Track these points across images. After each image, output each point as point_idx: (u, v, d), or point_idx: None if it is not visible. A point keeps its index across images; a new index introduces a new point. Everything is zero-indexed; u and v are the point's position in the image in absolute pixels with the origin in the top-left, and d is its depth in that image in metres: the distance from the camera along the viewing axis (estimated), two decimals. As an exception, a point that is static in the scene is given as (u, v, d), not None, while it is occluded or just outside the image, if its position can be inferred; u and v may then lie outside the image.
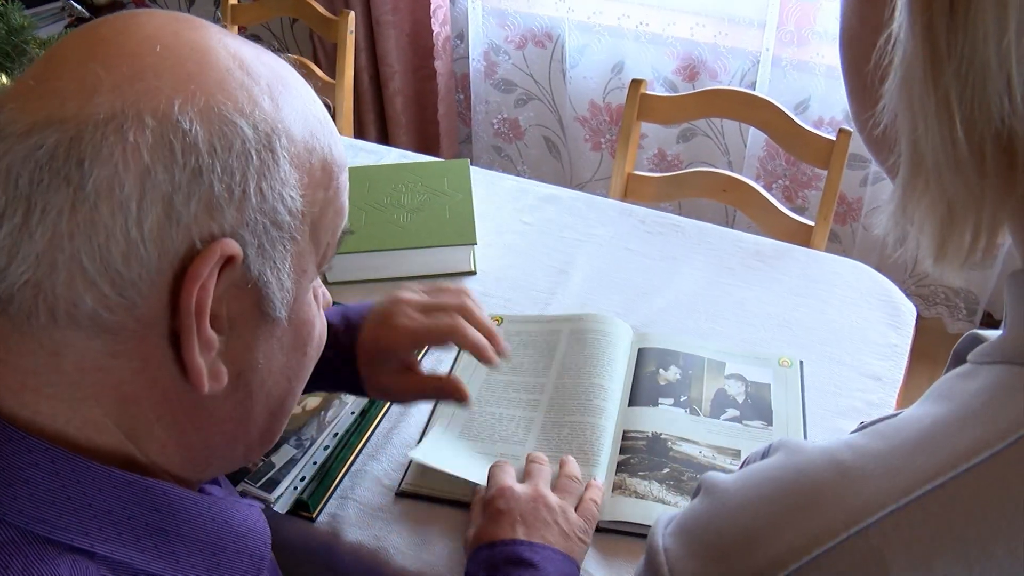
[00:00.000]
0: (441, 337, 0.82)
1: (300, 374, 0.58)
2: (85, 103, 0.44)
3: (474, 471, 0.91)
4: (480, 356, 0.82)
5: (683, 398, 1.01)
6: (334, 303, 0.91)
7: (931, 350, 2.28)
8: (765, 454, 0.47)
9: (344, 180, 0.56)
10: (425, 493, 0.92)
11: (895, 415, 0.47)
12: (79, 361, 0.47)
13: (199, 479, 0.57)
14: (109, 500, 0.48)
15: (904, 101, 0.38)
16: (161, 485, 0.50)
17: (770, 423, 1.00)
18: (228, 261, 0.47)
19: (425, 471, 0.93)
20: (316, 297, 0.58)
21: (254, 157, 0.47)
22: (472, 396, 0.86)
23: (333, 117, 0.56)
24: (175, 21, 0.50)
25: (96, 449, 0.49)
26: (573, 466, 0.90)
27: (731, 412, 1.00)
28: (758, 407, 1.01)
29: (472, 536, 0.81)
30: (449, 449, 0.96)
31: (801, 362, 1.08)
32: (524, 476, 0.88)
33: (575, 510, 0.84)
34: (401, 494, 0.93)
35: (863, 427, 0.58)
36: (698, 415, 0.99)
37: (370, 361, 0.84)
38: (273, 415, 0.57)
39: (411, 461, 0.96)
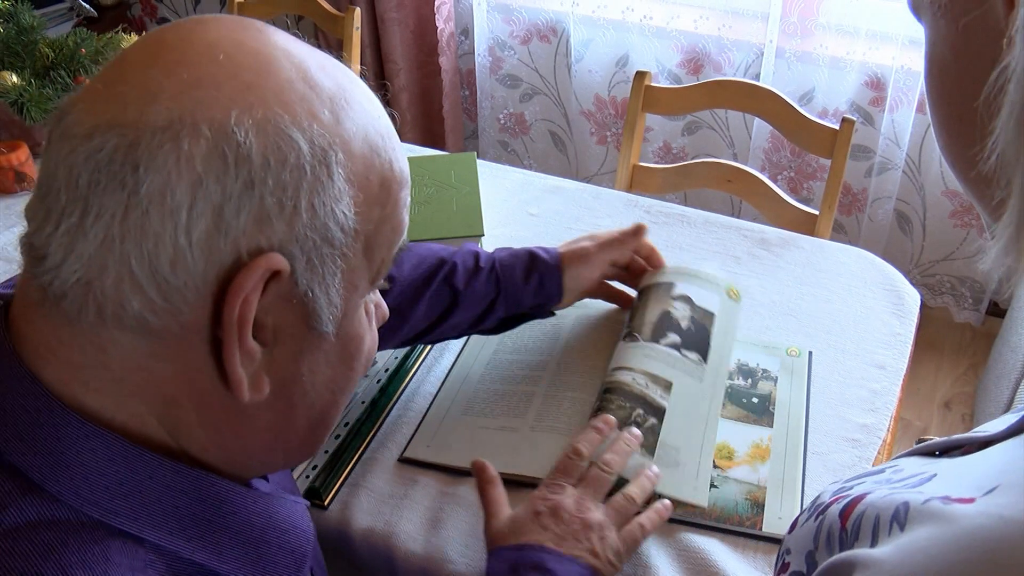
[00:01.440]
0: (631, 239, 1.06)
1: (345, 387, 0.57)
2: (145, 109, 0.45)
3: (470, 452, 0.94)
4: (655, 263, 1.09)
5: (625, 331, 1.02)
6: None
7: (938, 340, 2.29)
8: (896, 520, 0.43)
9: (404, 196, 0.55)
10: (428, 460, 0.95)
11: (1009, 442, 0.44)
12: (125, 360, 0.47)
13: (240, 479, 0.57)
14: (159, 488, 0.49)
15: None
16: (208, 477, 0.52)
17: (705, 360, 1.00)
18: (275, 275, 0.47)
19: (430, 441, 0.97)
20: (368, 312, 0.57)
21: (308, 172, 0.47)
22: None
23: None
24: (241, 29, 0.50)
25: (142, 441, 0.50)
26: (637, 486, 0.86)
27: (672, 337, 1.01)
28: (698, 337, 1.02)
29: (507, 525, 0.81)
30: (448, 430, 0.99)
31: (810, 353, 1.09)
32: (581, 480, 0.85)
33: (619, 529, 0.82)
34: (404, 460, 0.96)
35: (925, 445, 0.55)
36: (637, 340, 1.00)
37: (572, 264, 1.01)
38: (315, 426, 0.57)
39: (416, 428, 0.99)
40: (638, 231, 1.05)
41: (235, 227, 0.46)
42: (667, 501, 0.87)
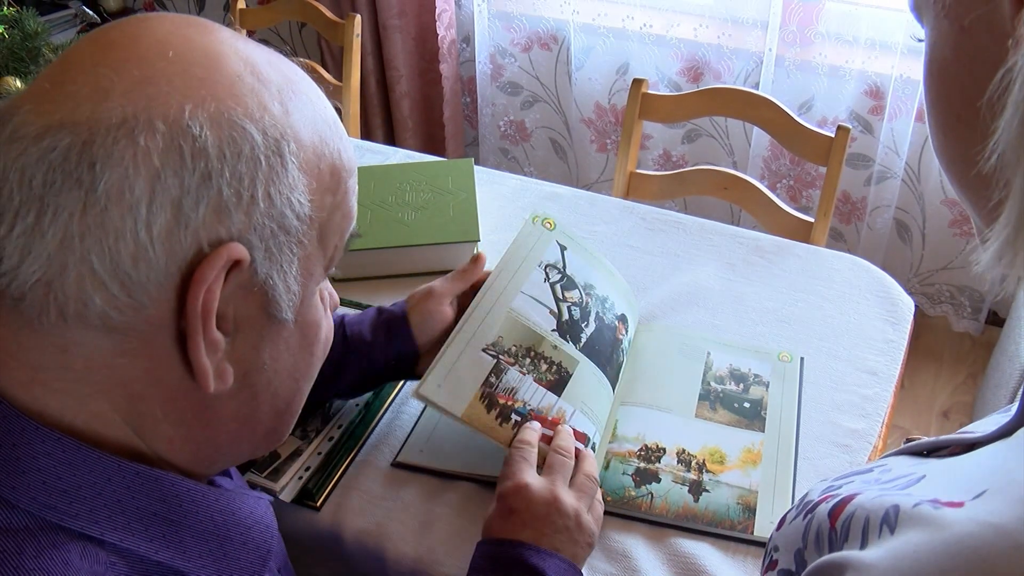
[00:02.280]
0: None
1: (307, 374, 0.58)
2: (97, 107, 0.45)
3: (462, 458, 0.94)
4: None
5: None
6: (341, 300, 0.95)
7: (936, 348, 2.29)
8: (887, 522, 0.43)
9: (353, 184, 0.56)
10: (421, 465, 0.95)
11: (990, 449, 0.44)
12: (88, 358, 0.48)
13: (206, 473, 0.57)
14: (118, 490, 0.49)
15: None
16: (169, 476, 0.52)
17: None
18: (235, 264, 0.48)
19: (423, 446, 0.97)
20: (323, 298, 0.58)
21: (263, 162, 0.48)
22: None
23: (340, 120, 0.58)
24: (187, 26, 0.50)
25: (104, 442, 0.50)
26: (591, 463, 0.88)
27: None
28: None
29: (485, 521, 0.81)
30: (441, 436, 0.98)
31: (802, 359, 1.09)
32: (544, 467, 0.85)
33: (589, 510, 0.83)
34: (397, 465, 0.96)
35: (913, 444, 0.55)
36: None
37: (417, 305, 0.95)
38: (279, 415, 0.57)
39: (410, 433, 0.99)
40: (477, 260, 1.01)
41: (195, 219, 0.46)
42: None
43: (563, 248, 1.07)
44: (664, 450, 0.96)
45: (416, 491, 0.94)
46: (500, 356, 0.94)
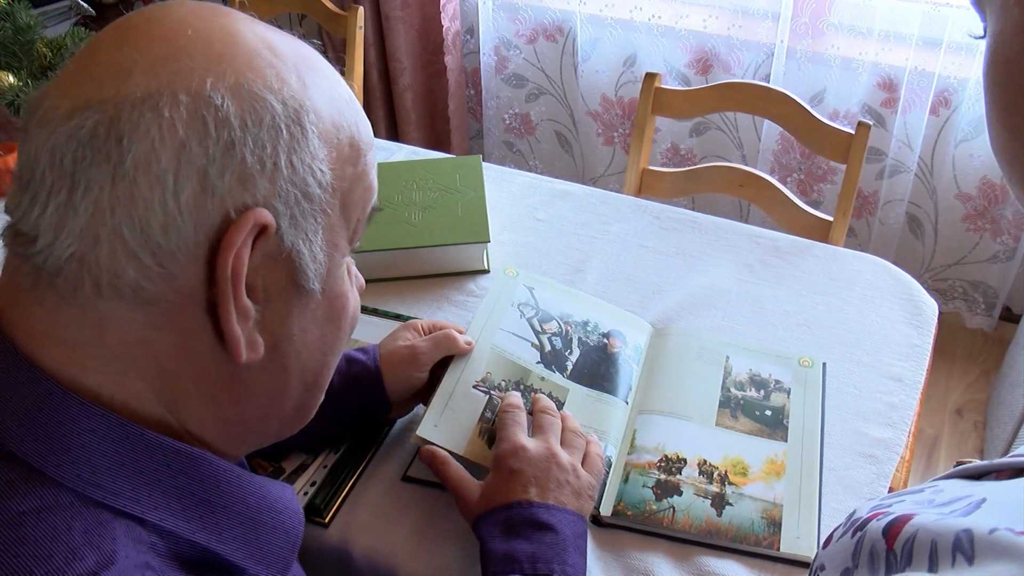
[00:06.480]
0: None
1: (335, 347, 0.59)
2: (122, 84, 0.47)
3: (475, 470, 0.90)
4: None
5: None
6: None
7: (949, 345, 2.26)
8: (960, 549, 0.40)
9: (372, 158, 0.57)
10: (433, 479, 0.92)
11: None
12: (122, 334, 0.48)
13: (235, 455, 0.58)
14: (160, 468, 0.50)
15: None
16: (206, 455, 0.52)
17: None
18: (262, 231, 0.49)
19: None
20: (350, 274, 0.59)
21: (284, 131, 0.49)
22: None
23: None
24: (203, 8, 0.52)
25: (141, 421, 0.50)
26: (573, 421, 0.91)
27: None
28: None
29: (481, 495, 0.82)
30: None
31: (824, 364, 1.05)
32: (534, 429, 0.88)
33: (582, 463, 0.86)
34: (408, 479, 0.93)
35: (963, 468, 0.53)
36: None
37: (391, 370, 0.93)
38: (308, 389, 0.58)
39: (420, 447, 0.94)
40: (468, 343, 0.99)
41: (220, 187, 0.47)
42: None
43: (531, 288, 1.10)
44: (685, 460, 0.93)
45: (428, 506, 0.90)
46: (491, 391, 0.95)
